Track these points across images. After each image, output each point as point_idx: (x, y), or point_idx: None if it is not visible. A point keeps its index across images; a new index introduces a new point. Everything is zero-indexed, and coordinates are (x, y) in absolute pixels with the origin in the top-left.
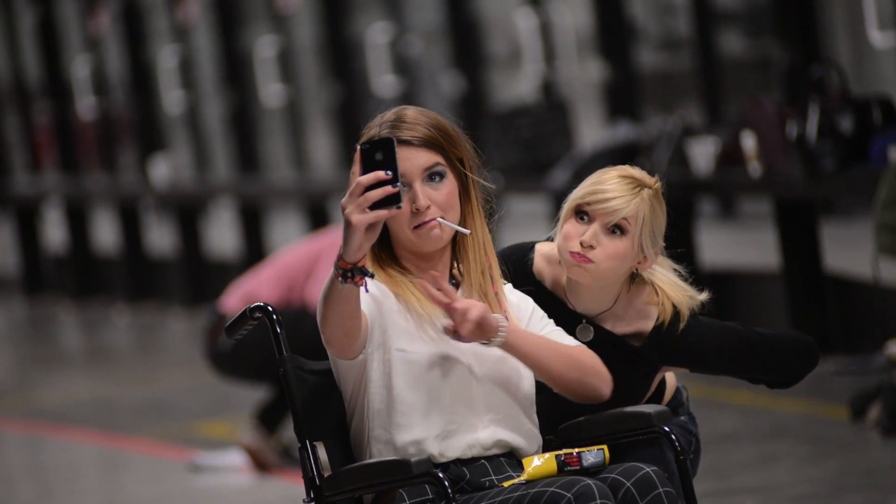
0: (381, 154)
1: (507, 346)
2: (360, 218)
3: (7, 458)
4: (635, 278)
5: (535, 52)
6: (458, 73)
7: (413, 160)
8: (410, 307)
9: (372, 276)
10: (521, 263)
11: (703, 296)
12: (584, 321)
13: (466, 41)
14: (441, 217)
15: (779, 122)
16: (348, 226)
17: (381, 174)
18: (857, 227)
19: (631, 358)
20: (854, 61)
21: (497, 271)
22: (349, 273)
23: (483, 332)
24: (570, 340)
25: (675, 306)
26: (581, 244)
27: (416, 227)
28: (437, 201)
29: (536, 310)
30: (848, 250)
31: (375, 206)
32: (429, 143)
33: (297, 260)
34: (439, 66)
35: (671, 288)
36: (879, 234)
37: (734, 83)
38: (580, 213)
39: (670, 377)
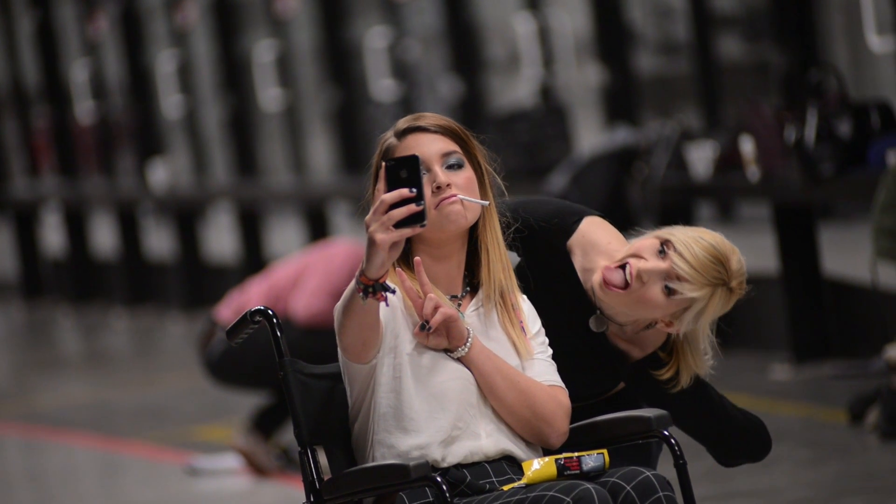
0: (405, 172)
1: (468, 360)
2: (384, 237)
3: (6, 462)
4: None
5: (534, 57)
6: (457, 77)
7: (430, 145)
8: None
9: (394, 292)
10: (562, 229)
11: (709, 366)
12: (599, 312)
13: (465, 45)
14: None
15: (777, 127)
16: (372, 244)
17: (405, 192)
18: (855, 231)
19: (615, 368)
20: (852, 66)
21: (514, 279)
22: (371, 289)
23: (450, 335)
24: (552, 376)
25: (678, 373)
26: (636, 271)
27: (436, 207)
28: (457, 183)
29: (541, 329)
30: (846, 254)
31: (399, 224)
32: (446, 131)
33: (286, 275)
34: (438, 71)
35: (688, 358)
36: (878, 238)
37: (732, 87)
38: (664, 245)
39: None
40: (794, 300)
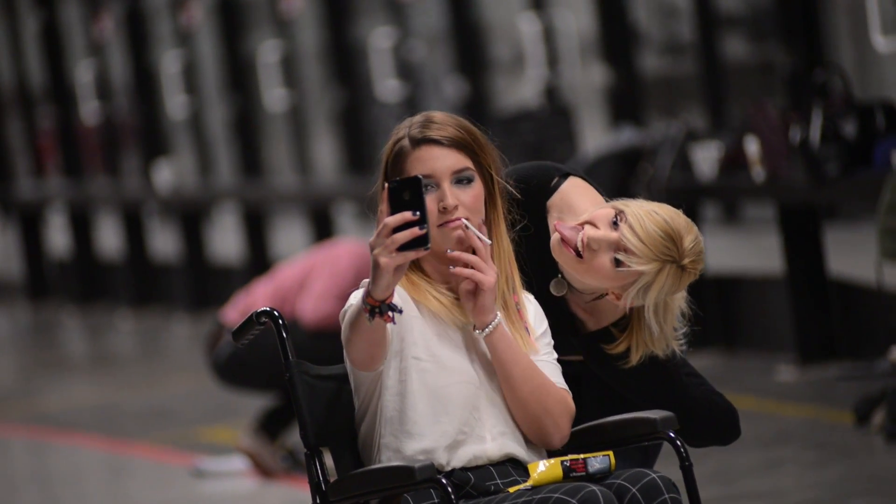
0: (408, 194)
1: (490, 341)
2: (388, 261)
3: (11, 463)
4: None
5: (539, 57)
6: (462, 77)
7: (443, 160)
8: (430, 315)
9: (401, 312)
10: (541, 189)
11: (676, 349)
12: (560, 276)
13: (470, 46)
14: (467, 219)
15: (782, 127)
16: (376, 266)
17: (408, 215)
18: (860, 231)
19: (566, 336)
20: (857, 66)
21: (518, 281)
22: (377, 309)
23: (477, 302)
24: (558, 379)
25: (628, 349)
26: (587, 239)
27: (440, 225)
28: (464, 202)
29: (547, 330)
30: (852, 255)
31: (403, 247)
32: (458, 145)
33: (292, 276)
34: (443, 71)
35: (639, 334)
36: (883, 238)
37: (737, 88)
38: (619, 215)
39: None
40: (800, 301)
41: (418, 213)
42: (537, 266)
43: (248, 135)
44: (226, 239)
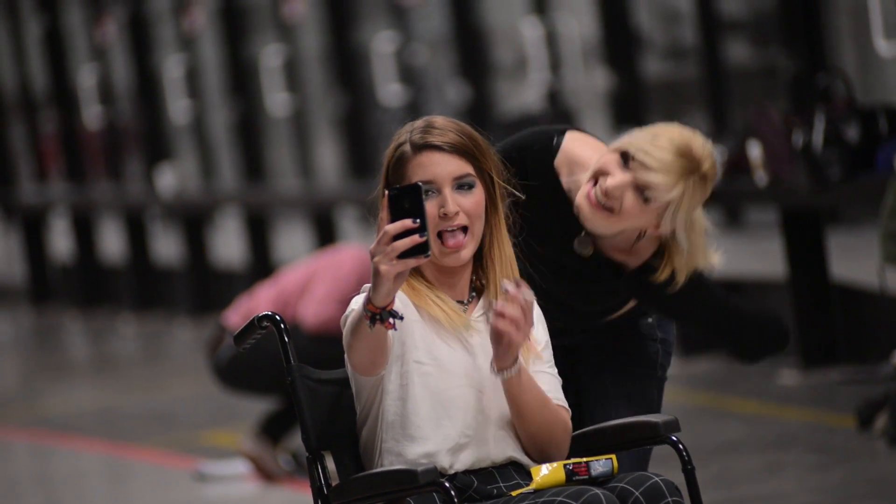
0: (408, 201)
1: (507, 384)
2: (388, 269)
3: (13, 466)
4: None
5: (541, 61)
6: (464, 81)
7: (444, 166)
8: (431, 319)
9: (402, 318)
10: (544, 152)
11: (716, 259)
12: (584, 233)
13: (472, 50)
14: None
15: (785, 131)
16: (377, 274)
17: (408, 223)
18: (863, 235)
19: (609, 283)
20: (860, 70)
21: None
22: (378, 316)
23: (506, 355)
24: (558, 394)
25: (673, 273)
26: (605, 189)
27: (441, 243)
28: (465, 208)
29: (549, 341)
30: (854, 259)
31: (403, 255)
32: (460, 151)
33: (294, 280)
34: (445, 75)
35: (678, 256)
36: (885, 242)
37: (740, 92)
38: (625, 156)
39: None
40: (802, 305)
41: (418, 220)
42: (559, 229)
43: (251, 139)
44: (228, 243)
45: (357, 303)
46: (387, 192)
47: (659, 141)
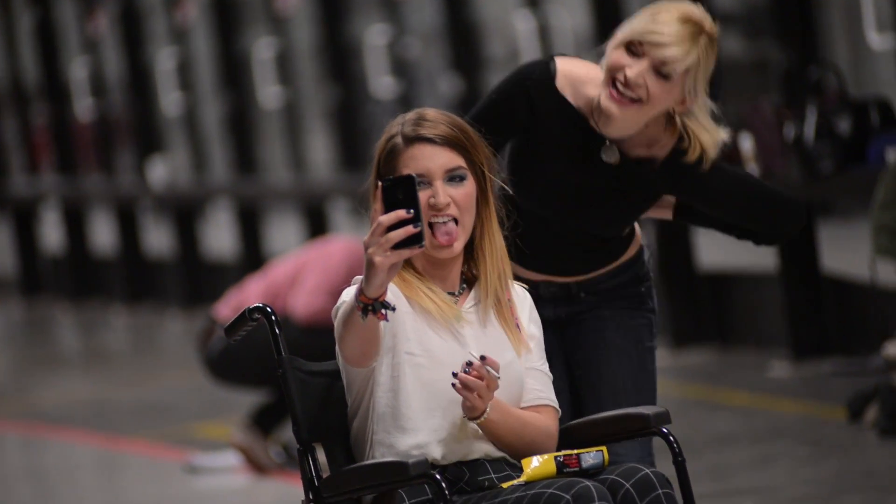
0: (401, 192)
1: (483, 427)
2: (383, 260)
3: (5, 459)
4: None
5: (534, 54)
6: (457, 75)
7: (435, 158)
8: (422, 310)
9: (394, 310)
10: (545, 76)
11: (725, 134)
12: (608, 142)
13: (465, 43)
14: (483, 357)
15: (777, 124)
16: (371, 265)
17: (402, 213)
18: (854, 228)
19: (644, 181)
20: (852, 63)
21: (510, 276)
22: (370, 307)
23: (471, 408)
24: (546, 393)
25: (703, 150)
26: (626, 82)
27: (432, 231)
28: (456, 200)
29: (541, 338)
30: (846, 252)
31: (397, 245)
32: (451, 143)
33: (284, 272)
34: (438, 68)
35: (702, 132)
36: (877, 235)
37: (732, 85)
38: (631, 46)
39: (639, 231)
40: (794, 297)
41: (412, 211)
42: (580, 149)
43: (243, 132)
44: (220, 235)
45: (349, 294)
46: (380, 183)
47: (659, 17)
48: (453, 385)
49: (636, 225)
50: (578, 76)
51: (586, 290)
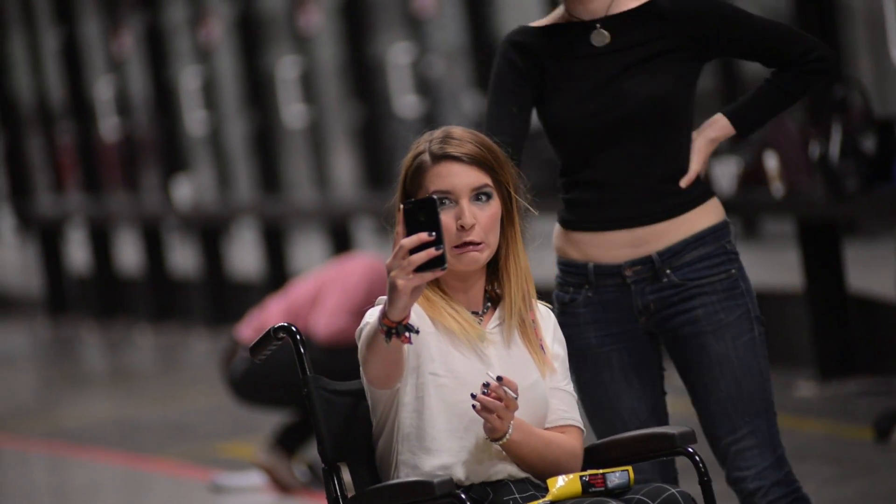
0: (423, 215)
1: (506, 447)
2: (406, 283)
3: (30, 478)
4: None
5: None
6: (481, 93)
7: (462, 177)
8: (446, 330)
9: (417, 332)
10: (519, 28)
11: None
12: (597, 26)
13: (488, 61)
14: (500, 378)
15: (801, 143)
16: (394, 288)
17: (423, 236)
18: (880, 247)
19: (658, 50)
20: (876, 81)
21: (535, 297)
22: (394, 331)
23: (491, 429)
24: (571, 413)
25: None
26: None
27: (456, 247)
28: (481, 221)
29: (566, 357)
30: (871, 271)
31: (420, 268)
32: (478, 162)
33: (304, 292)
34: (461, 87)
35: None
36: None
37: None
38: None
39: (716, 207)
40: (819, 317)
41: (434, 233)
42: (576, 58)
43: (268, 150)
44: (245, 254)
45: (372, 316)
46: (402, 205)
47: None
48: (473, 406)
49: (715, 198)
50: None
51: (671, 266)
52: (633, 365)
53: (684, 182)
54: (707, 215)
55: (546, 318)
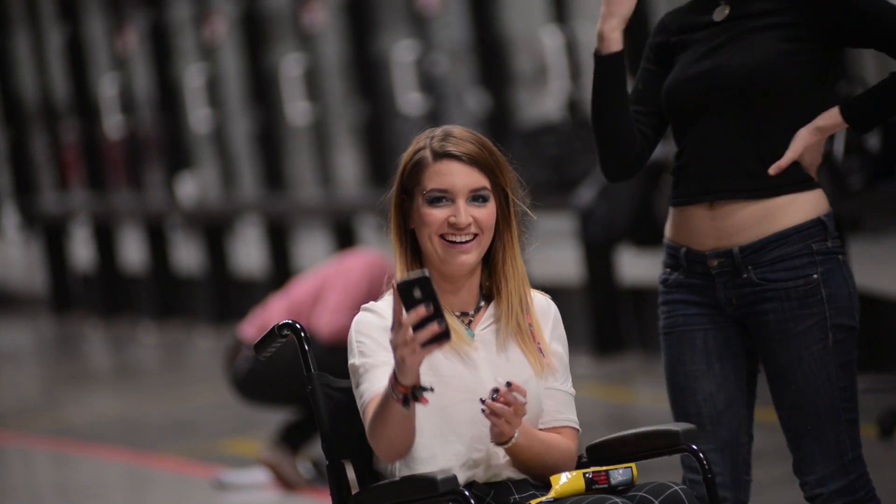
0: (418, 291)
1: (509, 451)
2: (414, 359)
3: (35, 475)
4: None
5: (561, 70)
6: (484, 90)
7: (462, 177)
8: None
9: (432, 390)
10: (665, 16)
11: None
12: (721, 2)
13: (492, 59)
14: (509, 383)
15: None
16: (402, 363)
17: (422, 311)
18: (885, 245)
19: (769, 24)
20: (881, 78)
21: (531, 301)
22: (410, 396)
23: (499, 434)
24: (568, 414)
25: None
26: None
27: (446, 238)
28: (477, 220)
29: (566, 355)
30: (876, 268)
31: (425, 343)
32: (477, 163)
33: (305, 290)
34: (465, 84)
35: None
36: None
37: None
38: None
39: (811, 202)
40: None
41: (431, 306)
42: (703, 39)
43: (271, 148)
44: (249, 252)
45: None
46: (395, 284)
47: None
48: (483, 412)
49: (816, 192)
50: None
51: (752, 263)
52: (718, 350)
53: (773, 168)
54: (797, 211)
55: (546, 311)
